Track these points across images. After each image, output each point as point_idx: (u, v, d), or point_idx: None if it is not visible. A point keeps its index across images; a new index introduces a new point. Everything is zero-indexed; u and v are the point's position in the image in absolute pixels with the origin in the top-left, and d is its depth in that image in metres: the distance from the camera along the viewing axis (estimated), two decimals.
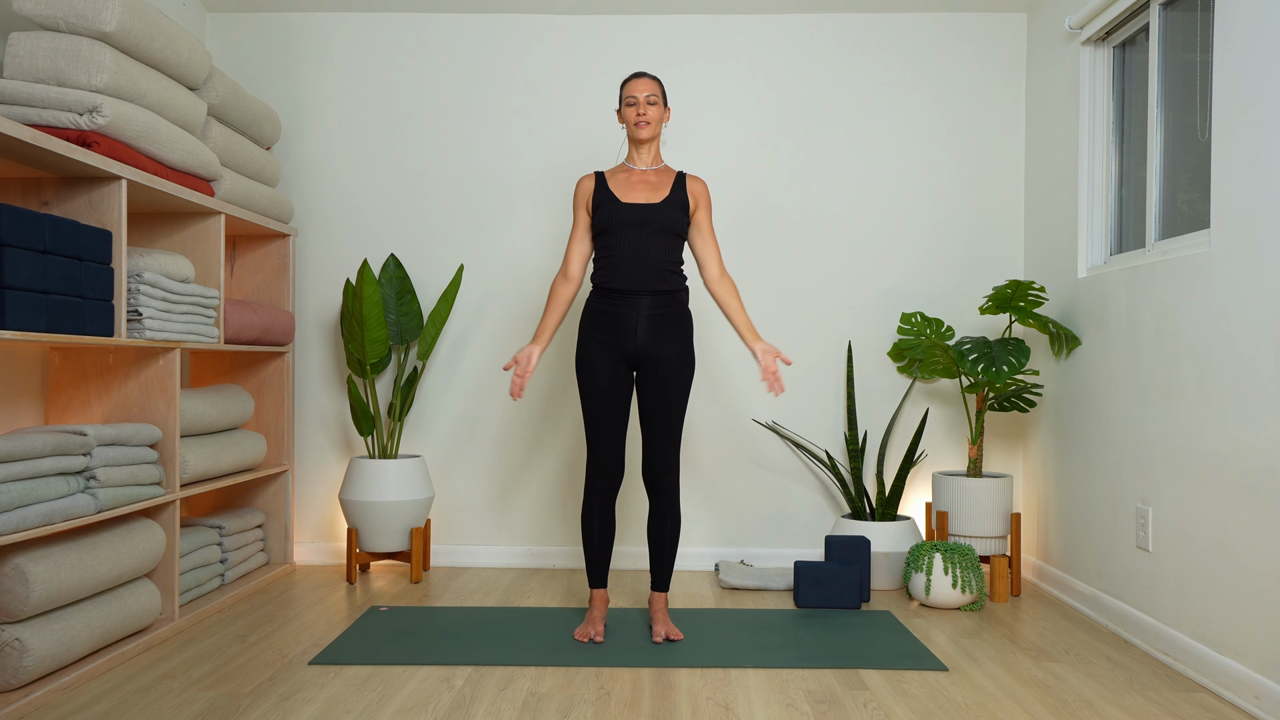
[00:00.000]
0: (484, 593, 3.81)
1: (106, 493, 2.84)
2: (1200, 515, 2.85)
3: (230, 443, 3.68)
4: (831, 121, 4.31)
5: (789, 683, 2.77)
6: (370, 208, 4.34)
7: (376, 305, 3.94)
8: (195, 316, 3.34)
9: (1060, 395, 3.84)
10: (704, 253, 3.24)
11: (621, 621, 3.38)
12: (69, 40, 2.86)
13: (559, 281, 3.24)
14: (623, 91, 3.15)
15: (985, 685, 2.76)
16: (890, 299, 4.30)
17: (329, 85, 4.34)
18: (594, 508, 3.18)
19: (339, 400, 4.34)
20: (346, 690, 2.68)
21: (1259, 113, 2.59)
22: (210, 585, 3.61)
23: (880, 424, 4.29)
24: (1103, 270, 3.55)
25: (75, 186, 2.94)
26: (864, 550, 3.70)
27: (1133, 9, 3.39)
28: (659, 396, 3.13)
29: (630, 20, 4.31)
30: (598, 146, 4.31)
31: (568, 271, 3.23)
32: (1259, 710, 2.53)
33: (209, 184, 3.52)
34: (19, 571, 2.51)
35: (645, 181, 3.18)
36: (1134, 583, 3.23)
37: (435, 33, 4.33)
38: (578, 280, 3.24)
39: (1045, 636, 3.26)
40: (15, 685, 2.53)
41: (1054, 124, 3.97)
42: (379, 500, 3.94)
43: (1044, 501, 4.01)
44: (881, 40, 4.30)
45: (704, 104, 4.31)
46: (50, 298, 2.59)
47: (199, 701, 2.58)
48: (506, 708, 2.56)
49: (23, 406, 3.13)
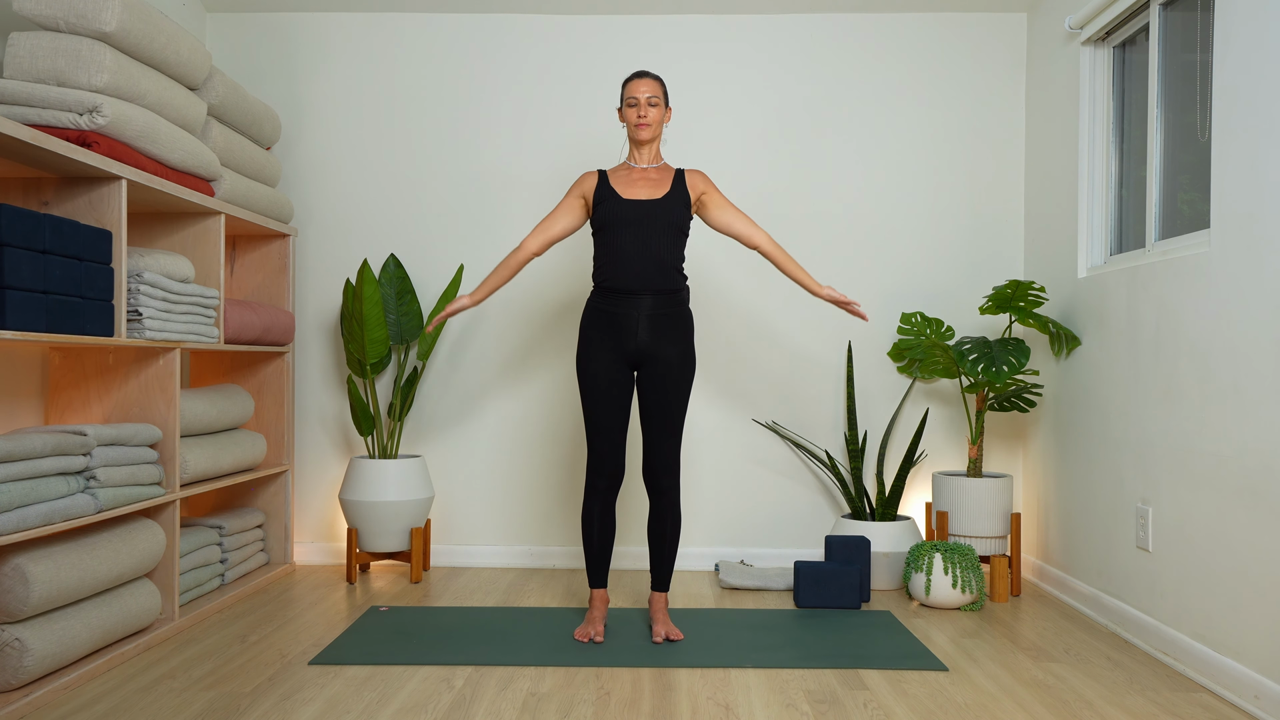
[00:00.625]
0: (484, 593, 3.81)
1: (106, 493, 2.84)
2: (1200, 515, 2.85)
3: (230, 443, 3.68)
4: (831, 121, 4.31)
5: (789, 683, 2.77)
6: (370, 208, 4.34)
7: (376, 305, 3.94)
8: (195, 316, 3.34)
9: (1060, 395, 3.84)
10: (736, 224, 3.24)
11: (621, 621, 3.38)
12: (69, 40, 2.86)
13: (513, 251, 3.25)
14: (624, 91, 3.15)
15: (985, 685, 2.76)
16: (890, 299, 4.30)
17: (329, 85, 4.34)
18: (594, 508, 3.18)
19: (339, 400, 4.34)
20: (346, 690, 2.68)
21: (1259, 113, 2.59)
22: (210, 585, 3.61)
23: (880, 424, 4.29)
24: (1103, 270, 3.55)
25: (75, 186, 2.94)
26: (864, 550, 3.70)
27: (1133, 9, 3.39)
28: (660, 396, 3.13)
29: (630, 20, 4.31)
30: (598, 146, 4.31)
31: (524, 242, 3.24)
32: (1259, 710, 2.53)
33: (209, 184, 3.52)
34: (19, 571, 2.51)
35: (646, 179, 3.18)
36: (1134, 583, 3.23)
37: (435, 33, 4.33)
38: (527, 252, 3.23)
39: (1045, 636, 3.26)
40: (15, 685, 2.53)
41: (1054, 124, 3.97)
42: (379, 500, 3.94)
43: (1044, 501, 4.01)
44: (881, 40, 4.30)
45: (704, 104, 4.31)
46: (50, 298, 2.59)
47: (199, 701, 2.58)
48: (506, 708, 2.56)
49: (23, 406, 3.13)
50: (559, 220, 3.23)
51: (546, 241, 3.24)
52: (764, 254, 3.26)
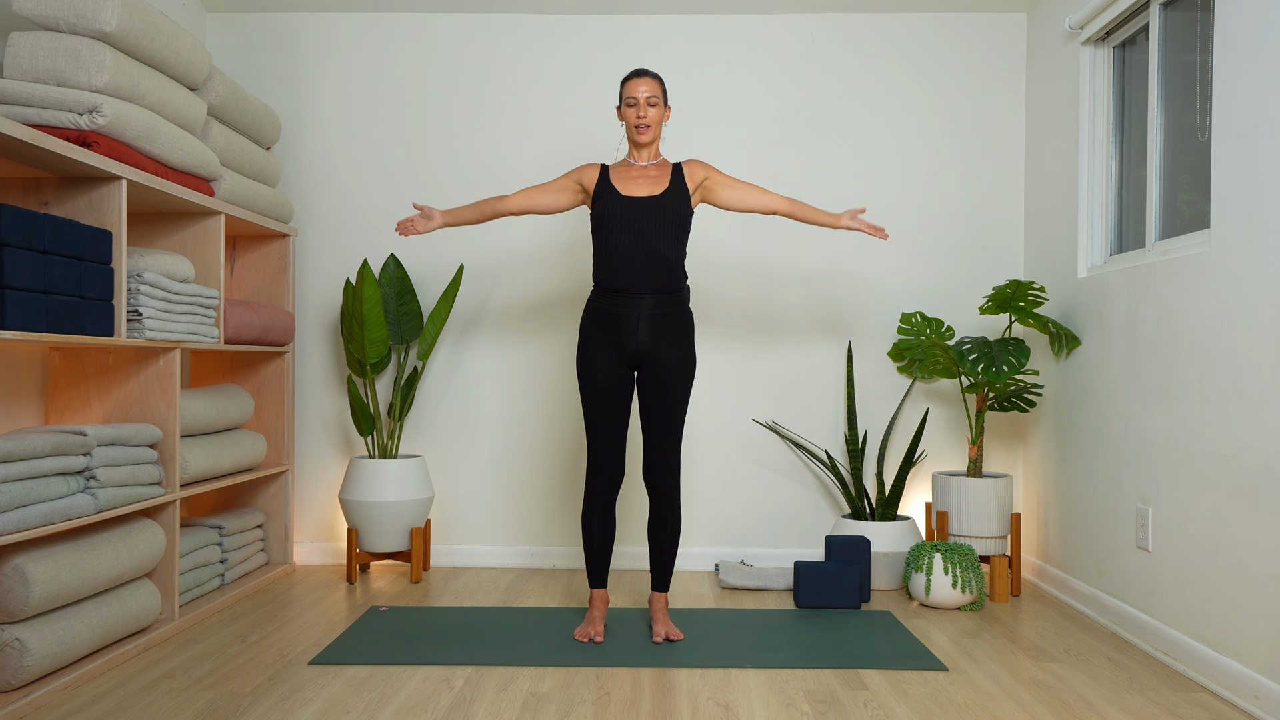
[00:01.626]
0: (484, 593, 3.81)
1: (106, 493, 2.84)
2: (1200, 515, 2.85)
3: (230, 443, 3.68)
4: (831, 121, 4.31)
5: (789, 683, 2.77)
6: (370, 208, 4.34)
7: (376, 305, 3.94)
8: (195, 316, 3.34)
9: (1060, 395, 3.84)
10: (748, 197, 3.24)
11: (621, 621, 3.38)
12: (69, 40, 2.86)
13: (495, 198, 3.27)
14: (623, 90, 3.15)
15: (985, 685, 2.76)
16: (890, 299, 4.30)
17: (329, 85, 4.34)
18: (594, 508, 3.18)
19: (339, 400, 4.34)
20: (346, 690, 2.68)
21: (1259, 113, 2.59)
22: (210, 585, 3.61)
23: (880, 424, 4.29)
24: (1103, 270, 3.55)
25: (75, 186, 2.94)
26: (864, 550, 3.70)
27: (1133, 9, 3.39)
28: (660, 396, 3.13)
29: (630, 20, 4.31)
30: (598, 146, 4.31)
31: (509, 198, 3.25)
32: (1259, 710, 2.53)
33: (209, 184, 3.52)
34: (19, 571, 2.51)
35: (646, 176, 3.18)
36: (1134, 583, 3.23)
37: (435, 33, 4.33)
38: (507, 210, 3.25)
39: (1045, 636, 3.26)
40: (15, 685, 2.53)
41: (1054, 124, 3.97)
42: (379, 500, 3.94)
43: (1044, 501, 4.01)
44: (882, 40, 4.30)
45: (703, 104, 4.31)
46: (50, 298, 2.59)
47: (199, 701, 2.58)
48: (506, 708, 2.56)
49: (23, 406, 3.13)
50: (548, 194, 3.24)
51: (527, 208, 3.25)
52: (785, 215, 3.28)
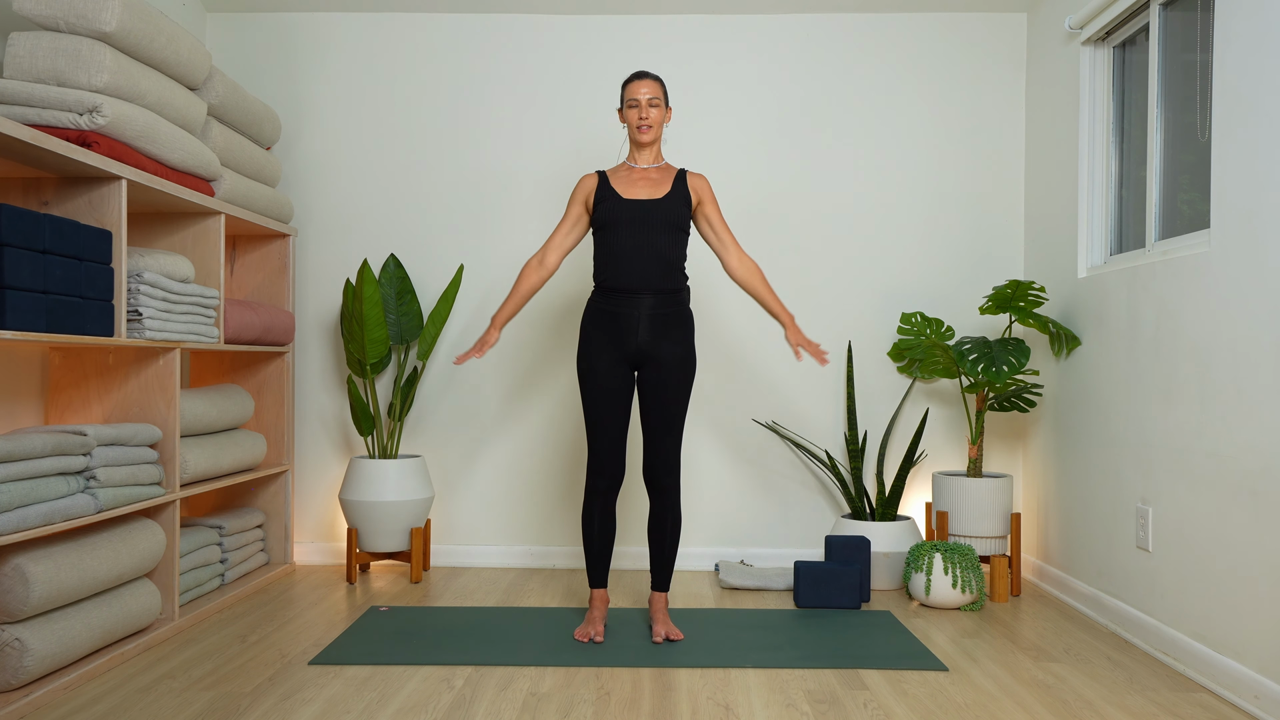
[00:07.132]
0: (484, 593, 3.81)
1: (106, 493, 2.84)
2: (1200, 515, 2.85)
3: (230, 443, 3.68)
4: (831, 121, 4.31)
5: (789, 683, 2.77)
6: (370, 208, 4.34)
7: (376, 305, 3.94)
8: (195, 316, 3.34)
9: (1060, 395, 3.84)
10: (720, 245, 3.24)
11: (621, 621, 3.38)
12: (69, 40, 2.86)
13: (532, 266, 3.22)
14: (624, 92, 3.15)
15: (985, 685, 2.76)
16: (890, 299, 4.30)
17: (329, 85, 4.34)
18: (594, 508, 3.18)
19: (339, 400, 4.34)
20: (346, 690, 2.68)
21: (1259, 113, 2.59)
22: (210, 585, 3.61)
23: (880, 424, 4.29)
24: (1103, 270, 3.55)
25: (75, 186, 2.94)
26: (864, 550, 3.70)
27: (1133, 9, 3.39)
28: (660, 396, 3.13)
29: (630, 20, 4.31)
30: (598, 146, 4.31)
31: (544, 258, 3.22)
32: (1259, 710, 2.53)
33: (209, 184, 3.52)
34: (19, 571, 2.51)
35: (647, 178, 3.18)
36: (1134, 582, 3.23)
37: (435, 33, 4.33)
38: (550, 270, 3.23)
39: (1045, 636, 3.26)
40: (15, 685, 2.53)
41: (1054, 124, 3.97)
42: (379, 500, 3.94)
43: (1044, 501, 4.01)
44: (882, 40, 4.30)
45: (703, 104, 4.31)
46: (50, 298, 2.59)
47: (199, 701, 2.58)
48: (506, 708, 2.56)
49: (23, 406, 3.13)
50: (571, 234, 3.22)
51: (560, 257, 3.24)
52: (743, 284, 3.24)
